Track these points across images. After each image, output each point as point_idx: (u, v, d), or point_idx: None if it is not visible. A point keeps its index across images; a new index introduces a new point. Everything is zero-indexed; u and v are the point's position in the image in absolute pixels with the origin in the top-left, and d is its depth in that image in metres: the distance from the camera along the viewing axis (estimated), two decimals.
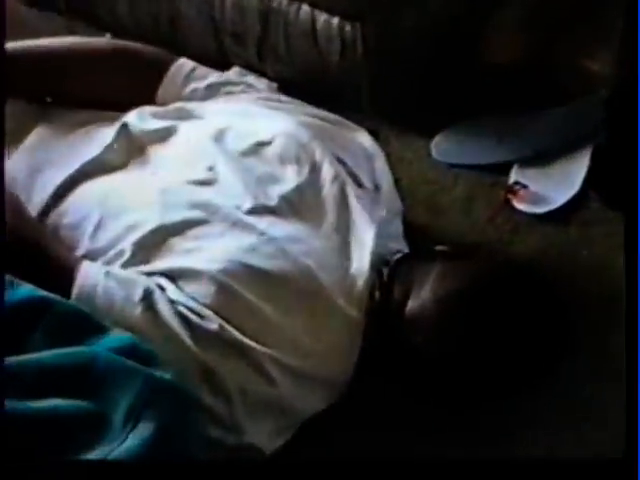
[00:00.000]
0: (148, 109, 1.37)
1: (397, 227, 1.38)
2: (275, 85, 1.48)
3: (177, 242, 1.20)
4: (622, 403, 1.02)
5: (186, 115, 1.37)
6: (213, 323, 1.14)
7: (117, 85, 1.40)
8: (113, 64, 1.41)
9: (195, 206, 1.23)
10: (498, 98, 1.56)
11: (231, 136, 1.32)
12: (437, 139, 1.59)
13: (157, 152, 1.32)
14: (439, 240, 1.40)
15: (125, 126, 1.32)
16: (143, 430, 0.96)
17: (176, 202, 1.24)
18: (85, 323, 1.07)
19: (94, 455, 0.94)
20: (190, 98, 1.42)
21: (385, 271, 1.27)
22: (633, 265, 1.11)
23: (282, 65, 1.59)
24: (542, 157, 1.55)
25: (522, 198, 1.49)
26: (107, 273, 1.16)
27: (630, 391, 0.99)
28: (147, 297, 1.14)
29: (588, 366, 1.29)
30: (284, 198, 1.26)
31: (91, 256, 1.21)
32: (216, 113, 1.38)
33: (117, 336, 1.06)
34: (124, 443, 0.95)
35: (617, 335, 1.24)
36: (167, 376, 1.02)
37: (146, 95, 1.40)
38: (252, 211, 1.24)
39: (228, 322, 1.15)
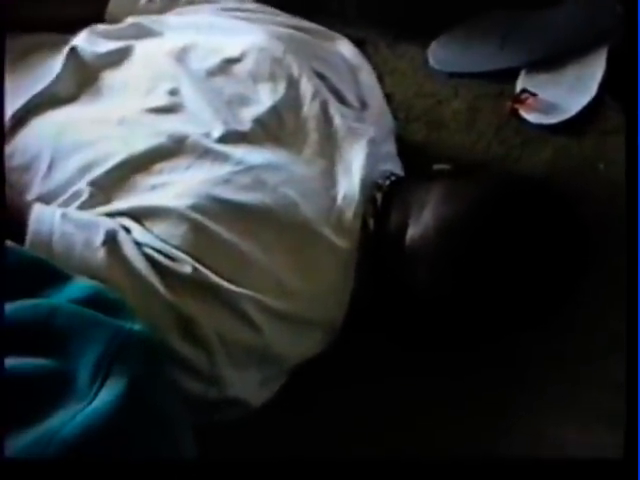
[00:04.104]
0: (99, 28, 1.33)
1: (389, 147, 1.34)
2: None
3: (140, 179, 1.16)
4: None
5: (143, 33, 1.33)
6: (186, 265, 1.10)
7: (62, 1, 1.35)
8: None
9: (158, 137, 1.19)
10: None
11: (195, 54, 1.28)
12: (433, 46, 1.56)
13: (112, 78, 1.28)
14: (439, 159, 1.35)
15: (74, 51, 1.28)
16: (113, 387, 0.92)
17: (135, 134, 1.19)
18: (42, 272, 1.02)
19: (59, 418, 0.90)
20: (145, 11, 1.37)
21: (379, 197, 1.23)
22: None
23: None
24: (552, 61, 1.52)
25: (531, 108, 1.47)
26: (63, 216, 1.11)
27: (630, 391, 0.98)
28: (110, 240, 1.09)
29: (606, 298, 1.27)
30: (258, 121, 1.22)
31: (44, 200, 1.16)
32: (177, 28, 1.34)
33: (79, 284, 1.02)
34: (92, 403, 0.91)
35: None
36: (137, 327, 0.97)
37: (95, 10, 1.36)
38: (223, 139, 1.19)
39: (202, 264, 1.11)
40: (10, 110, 1.22)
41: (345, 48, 1.40)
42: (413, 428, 1.18)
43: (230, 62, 1.27)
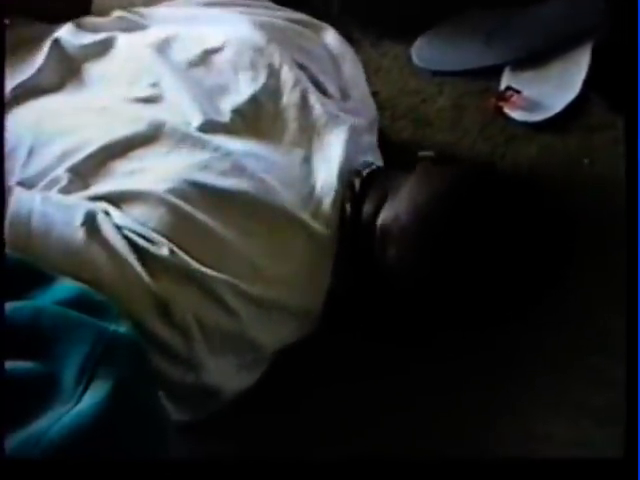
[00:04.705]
0: (84, 21, 1.33)
1: (371, 138, 1.33)
2: None
3: (118, 164, 1.16)
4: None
5: (126, 25, 1.33)
6: (164, 248, 1.10)
7: None
8: None
9: (136, 124, 1.19)
10: None
11: (177, 46, 1.29)
12: (417, 44, 1.56)
13: (94, 69, 1.28)
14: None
15: (57, 43, 1.28)
16: (98, 389, 0.92)
17: (115, 122, 1.20)
18: (27, 274, 1.02)
19: (46, 420, 0.90)
20: (130, 5, 1.37)
21: (357, 183, 1.22)
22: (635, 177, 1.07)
23: None
24: (536, 58, 1.51)
25: (515, 105, 1.46)
26: (43, 198, 1.11)
27: (630, 390, 0.98)
28: (90, 220, 1.09)
29: (592, 293, 1.26)
30: (237, 112, 1.22)
31: (24, 186, 1.16)
32: (161, 21, 1.34)
33: (64, 286, 1.02)
34: (77, 405, 0.91)
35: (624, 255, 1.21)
36: (122, 329, 0.97)
37: (81, 4, 1.36)
38: (202, 128, 1.20)
39: (180, 247, 1.10)
40: None
41: (329, 38, 1.38)
42: (398, 426, 1.18)
43: (211, 52, 1.27)
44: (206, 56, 1.27)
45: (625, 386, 0.99)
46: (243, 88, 1.25)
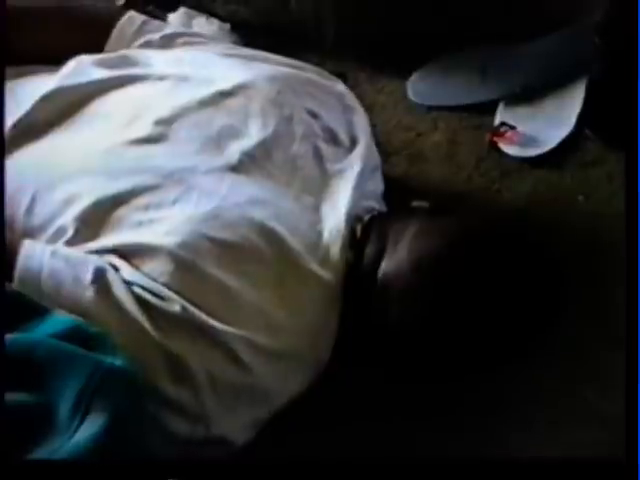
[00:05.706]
0: (89, 58, 1.32)
1: (376, 184, 1.34)
2: (227, 27, 1.44)
3: (125, 214, 1.15)
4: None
5: (132, 63, 1.32)
6: (175, 304, 1.09)
7: (60, 42, 1.35)
8: (56, 19, 1.37)
9: (142, 170, 1.18)
10: (479, 28, 1.53)
11: (187, 85, 1.28)
12: (413, 79, 1.57)
13: (97, 107, 1.27)
14: (419, 192, 1.37)
15: (60, 79, 1.27)
16: (94, 421, 0.93)
17: (119, 167, 1.19)
18: (22, 306, 1.02)
19: (42, 451, 0.91)
20: (146, 45, 1.37)
21: (358, 229, 1.23)
22: (634, 210, 1.08)
23: (235, 4, 1.56)
24: (530, 94, 1.52)
25: (510, 140, 1.47)
26: (53, 253, 1.11)
27: (630, 390, 0.98)
28: (99, 278, 1.09)
29: (586, 328, 1.26)
30: (246, 154, 1.22)
31: (29, 234, 1.15)
32: (169, 61, 1.33)
33: (59, 319, 1.02)
34: (74, 437, 0.92)
35: (619, 290, 1.22)
36: (118, 362, 0.98)
37: (93, 52, 1.35)
38: (210, 171, 1.19)
39: (191, 302, 1.10)
40: None
41: (341, 88, 1.39)
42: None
43: (223, 95, 1.26)
44: (218, 98, 1.26)
45: (625, 384, 1.00)
46: (253, 132, 1.24)
